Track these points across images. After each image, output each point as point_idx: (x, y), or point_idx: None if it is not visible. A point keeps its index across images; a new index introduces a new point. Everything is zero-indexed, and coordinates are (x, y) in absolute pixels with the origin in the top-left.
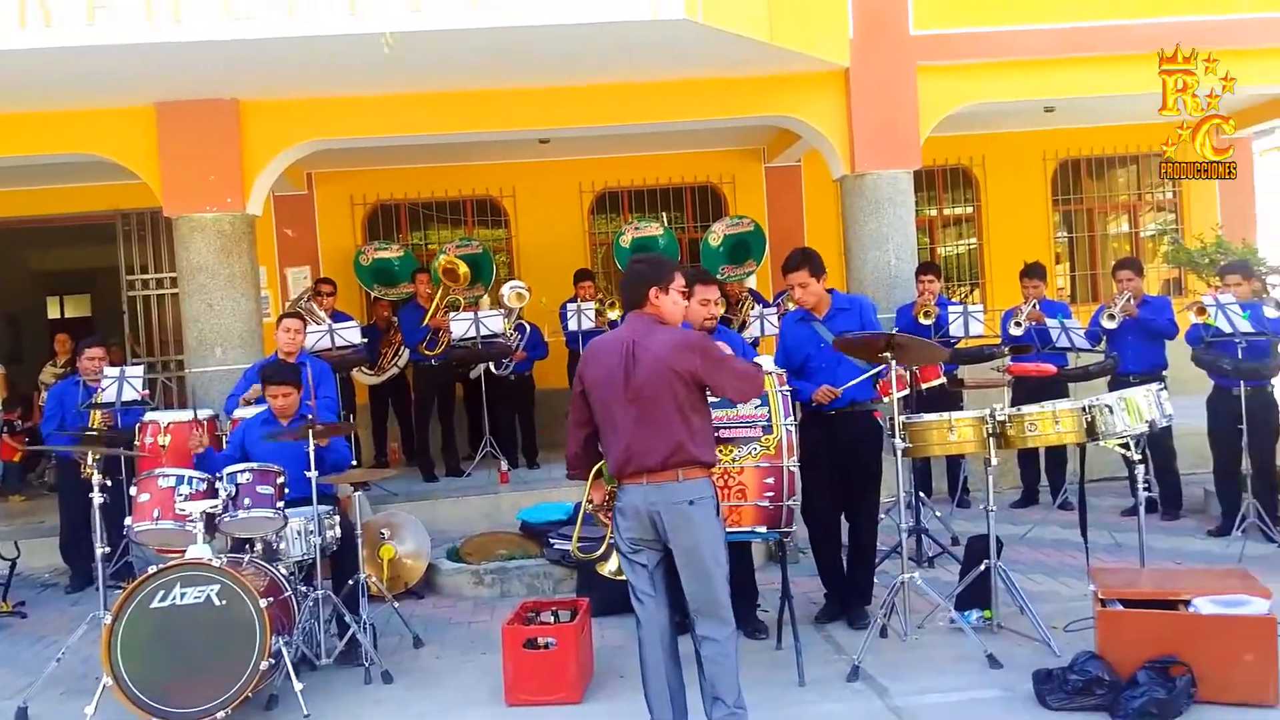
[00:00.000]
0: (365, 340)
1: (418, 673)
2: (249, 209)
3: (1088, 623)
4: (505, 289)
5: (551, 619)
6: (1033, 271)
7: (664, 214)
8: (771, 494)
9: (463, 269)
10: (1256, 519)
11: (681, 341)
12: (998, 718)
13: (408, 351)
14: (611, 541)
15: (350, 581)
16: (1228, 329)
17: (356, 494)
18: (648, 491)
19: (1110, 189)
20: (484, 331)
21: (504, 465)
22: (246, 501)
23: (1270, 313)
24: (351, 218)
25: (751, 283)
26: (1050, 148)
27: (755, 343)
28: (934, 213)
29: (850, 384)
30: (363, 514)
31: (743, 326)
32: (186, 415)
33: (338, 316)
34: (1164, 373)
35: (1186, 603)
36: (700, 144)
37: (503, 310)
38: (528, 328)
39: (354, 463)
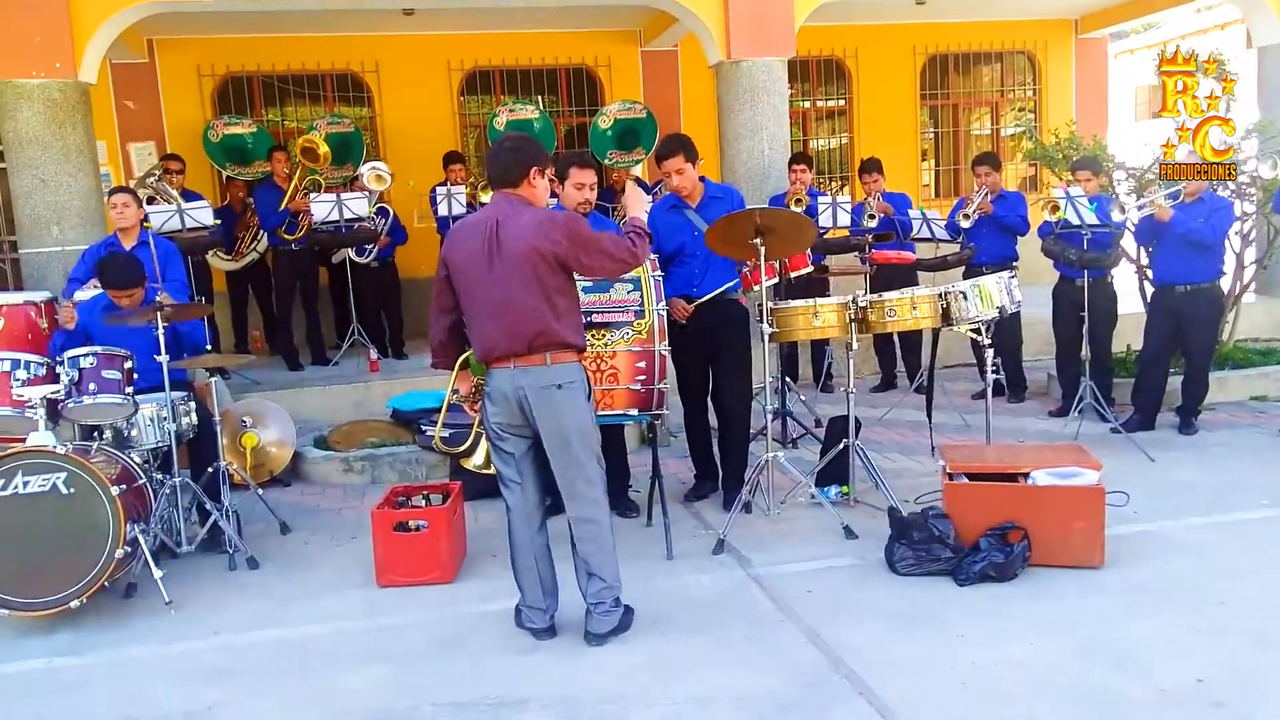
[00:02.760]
0: (219, 222)
1: (285, 558)
2: (81, 76)
3: (936, 496)
4: (364, 169)
5: (423, 502)
6: (869, 166)
7: (538, 97)
8: (644, 378)
9: (323, 149)
10: (1093, 400)
11: (547, 221)
12: (850, 583)
13: (265, 235)
14: (478, 434)
15: (210, 469)
16: (1075, 221)
17: (214, 380)
18: (515, 375)
19: (975, 85)
20: (348, 215)
21: (373, 354)
22: (92, 387)
23: (1116, 216)
24: (199, 90)
25: (638, 171)
26: (920, 42)
27: None
28: (808, 105)
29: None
30: (222, 402)
31: (625, 215)
32: (19, 297)
33: (188, 196)
34: (1015, 264)
35: (1026, 475)
36: (575, 23)
37: (366, 193)
38: (390, 212)
39: (209, 348)
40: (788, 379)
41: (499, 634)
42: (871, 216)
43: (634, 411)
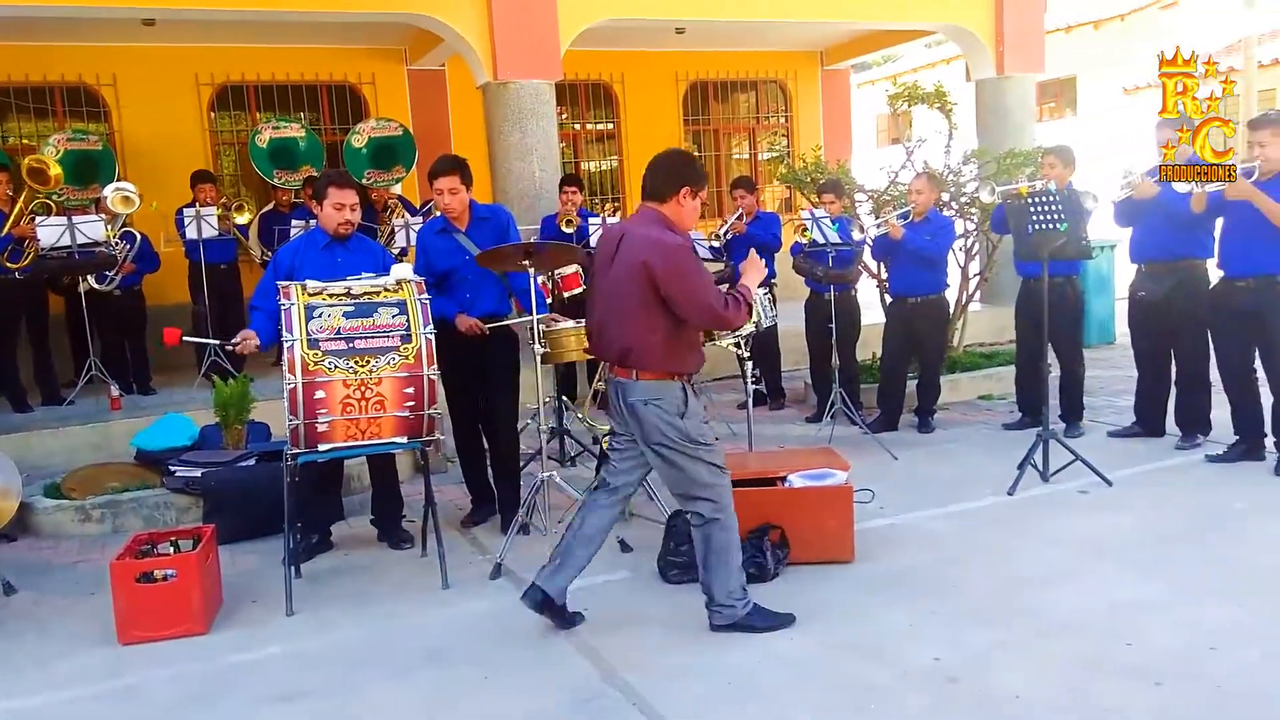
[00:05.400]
0: None
1: (11, 623)
2: None
3: None
4: (107, 191)
5: (171, 550)
6: (739, 184)
7: (299, 114)
8: (412, 404)
9: (54, 170)
10: (843, 405)
11: (658, 243)
12: (625, 596)
13: None
14: None
15: None
16: (821, 240)
17: None
18: (613, 384)
19: (734, 112)
20: (81, 240)
21: (115, 390)
22: None
23: (856, 235)
24: None
25: (398, 190)
26: (682, 69)
27: (403, 253)
28: (578, 127)
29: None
30: None
31: (391, 236)
32: None
33: None
34: (773, 281)
35: (784, 479)
36: (334, 39)
37: (104, 216)
38: (137, 236)
39: None
40: (565, 398)
41: (258, 683)
42: (727, 234)
43: (403, 439)
